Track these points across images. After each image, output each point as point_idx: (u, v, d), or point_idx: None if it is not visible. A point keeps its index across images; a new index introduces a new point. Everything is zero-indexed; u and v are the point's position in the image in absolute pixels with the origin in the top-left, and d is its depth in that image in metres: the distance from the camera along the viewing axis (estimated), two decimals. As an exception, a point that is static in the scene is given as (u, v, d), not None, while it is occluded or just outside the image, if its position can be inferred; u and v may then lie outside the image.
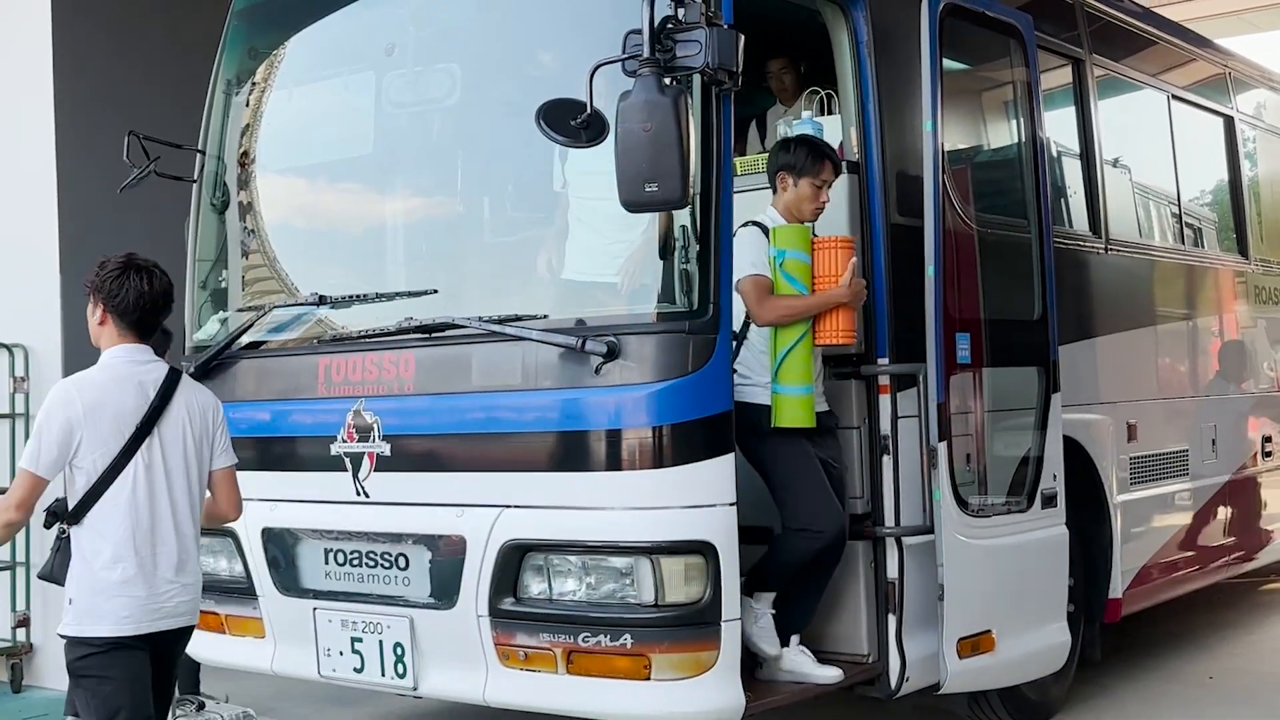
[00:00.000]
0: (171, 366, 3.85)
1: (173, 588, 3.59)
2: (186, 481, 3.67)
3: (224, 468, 3.79)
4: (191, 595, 3.68)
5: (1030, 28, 5.22)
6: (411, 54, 4.92)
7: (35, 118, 6.89)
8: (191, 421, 3.69)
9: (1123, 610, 5.89)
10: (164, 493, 3.61)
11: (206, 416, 3.75)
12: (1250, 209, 7.75)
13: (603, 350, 4.00)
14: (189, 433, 3.68)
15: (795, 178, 4.53)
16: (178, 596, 3.62)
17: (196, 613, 3.73)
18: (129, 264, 3.79)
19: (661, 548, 3.97)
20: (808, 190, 4.53)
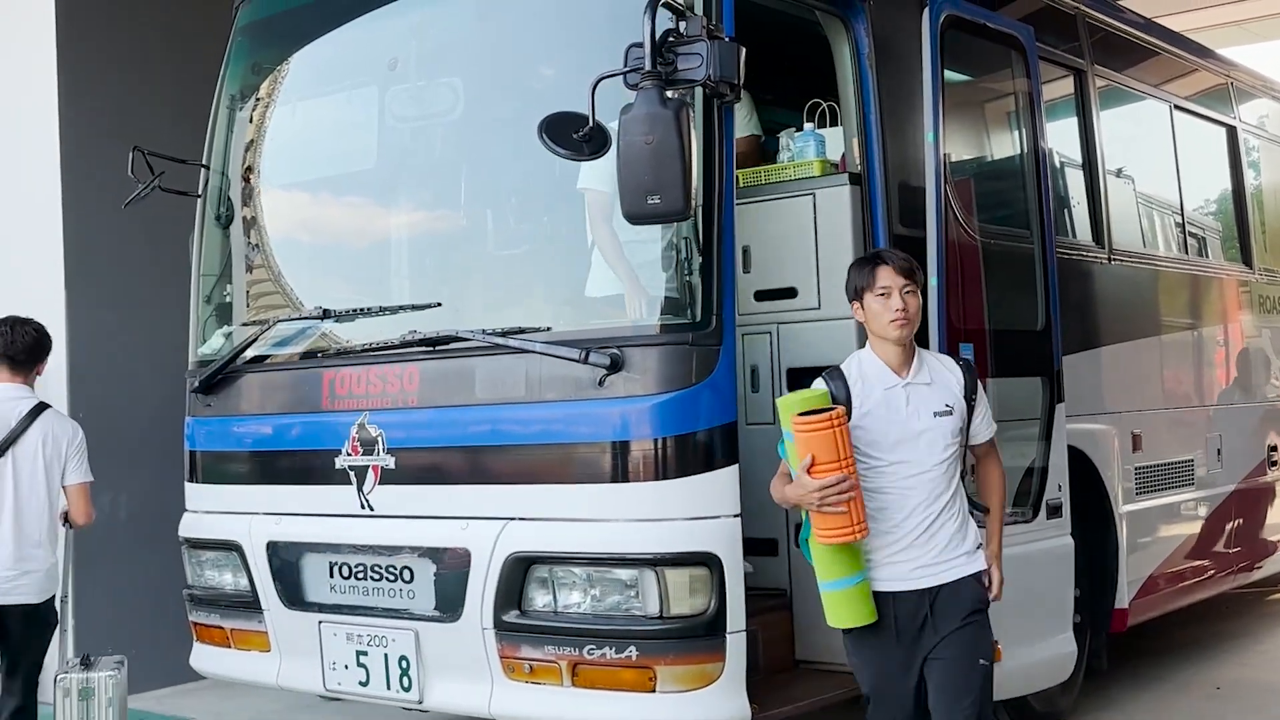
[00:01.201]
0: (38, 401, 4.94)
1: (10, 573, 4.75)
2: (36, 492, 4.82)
3: (74, 484, 4.92)
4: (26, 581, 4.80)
5: (1031, 39, 5.23)
6: (414, 68, 4.94)
7: (40, 133, 6.91)
8: (44, 445, 4.83)
9: (1129, 620, 5.88)
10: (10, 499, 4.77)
11: (60, 442, 4.87)
12: (1254, 218, 7.76)
13: (606, 362, 4.01)
14: (40, 454, 4.82)
15: (860, 302, 3.76)
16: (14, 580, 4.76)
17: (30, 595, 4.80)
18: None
19: (666, 559, 3.97)
20: (875, 307, 3.70)
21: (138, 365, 6.64)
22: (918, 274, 3.78)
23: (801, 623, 4.66)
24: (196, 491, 5.18)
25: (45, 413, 4.89)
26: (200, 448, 5.14)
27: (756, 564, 4.37)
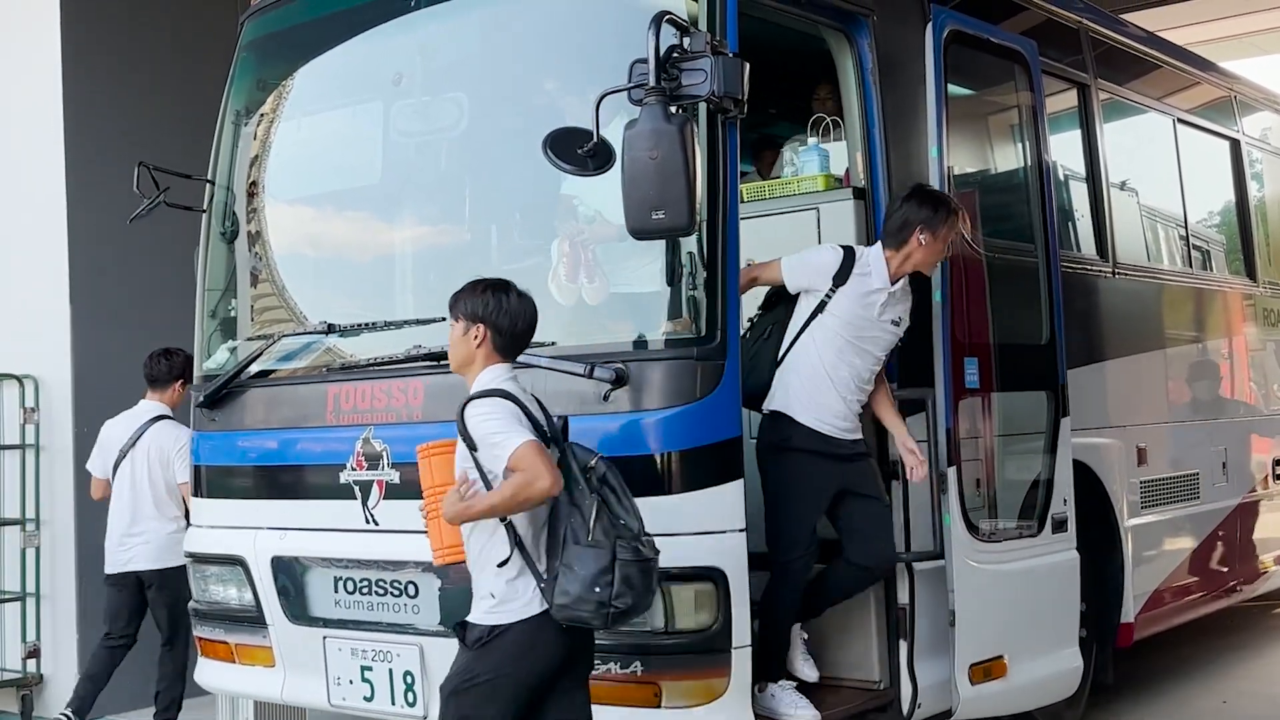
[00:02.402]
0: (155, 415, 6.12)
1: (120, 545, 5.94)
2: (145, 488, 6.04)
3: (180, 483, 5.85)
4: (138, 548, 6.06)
5: (1034, 53, 5.24)
6: (419, 83, 4.95)
7: (45, 148, 6.94)
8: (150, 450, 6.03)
9: (1135, 635, 5.86)
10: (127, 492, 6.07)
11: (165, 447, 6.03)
12: (1257, 231, 7.76)
13: (611, 377, 4.01)
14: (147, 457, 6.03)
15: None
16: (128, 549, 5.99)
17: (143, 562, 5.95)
18: None
19: (671, 574, 3.95)
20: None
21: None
22: None
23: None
24: (201, 506, 5.18)
25: (157, 423, 6.10)
26: (205, 462, 5.15)
27: (761, 579, 4.36)
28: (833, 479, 4.43)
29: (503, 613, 3.51)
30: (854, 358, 4.43)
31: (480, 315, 3.62)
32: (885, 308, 4.45)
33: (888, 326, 4.47)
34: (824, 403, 4.41)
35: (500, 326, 3.61)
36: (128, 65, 7.13)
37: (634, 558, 3.41)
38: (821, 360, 4.42)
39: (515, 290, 3.67)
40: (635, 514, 3.51)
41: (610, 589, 3.38)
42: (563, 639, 3.50)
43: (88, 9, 7.01)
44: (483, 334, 3.62)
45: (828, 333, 4.43)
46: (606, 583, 3.39)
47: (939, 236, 4.45)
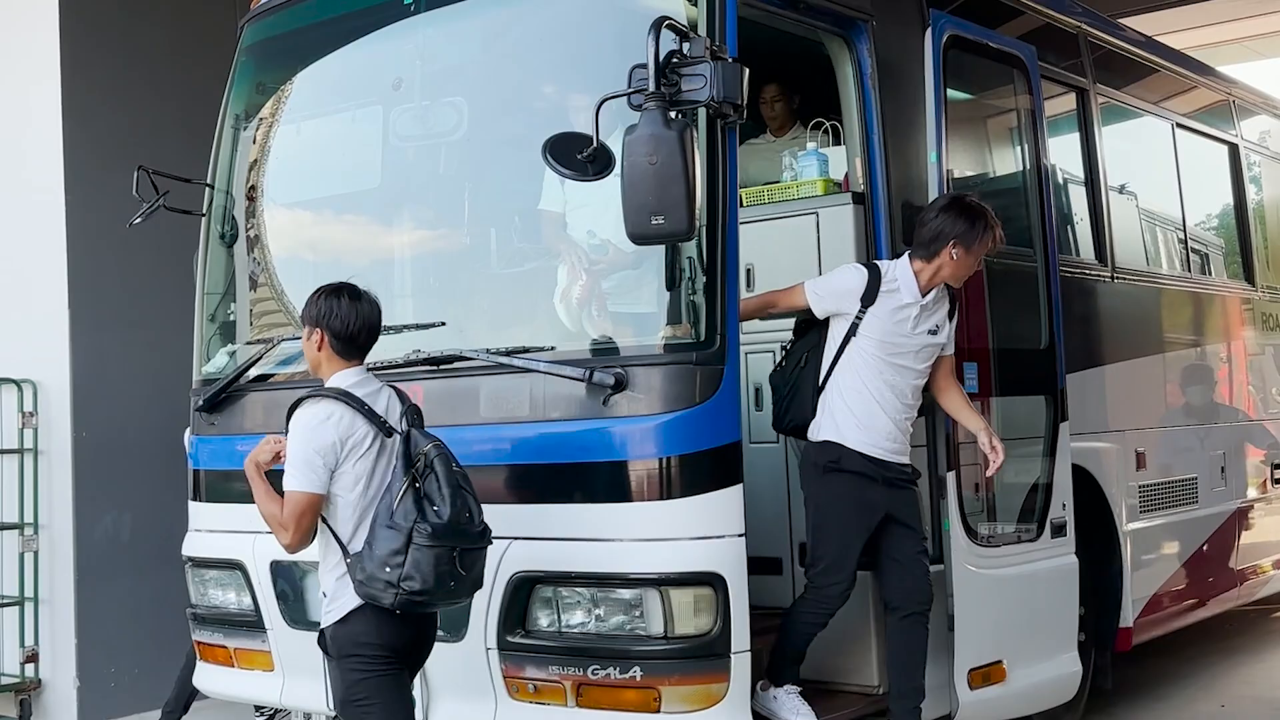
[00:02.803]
0: None
1: None
2: None
3: None
4: None
5: (1033, 57, 5.25)
6: (418, 88, 4.95)
7: (44, 152, 6.94)
8: None
9: (1134, 639, 5.86)
10: None
11: None
12: (1256, 236, 7.77)
13: (610, 382, 4.01)
14: None
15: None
16: None
17: None
18: None
19: (670, 579, 3.96)
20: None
21: (142, 384, 6.65)
22: None
23: (805, 642, 4.64)
24: (200, 510, 5.18)
25: None
26: (204, 466, 5.14)
27: (760, 583, 4.36)
28: (879, 503, 4.38)
29: (334, 610, 3.63)
30: (893, 376, 4.37)
31: (316, 320, 3.75)
32: (919, 320, 4.39)
33: (924, 338, 4.42)
34: (874, 425, 4.36)
35: (335, 330, 3.72)
36: (127, 69, 7.13)
37: (428, 543, 3.47)
38: (865, 383, 4.36)
39: (350, 293, 3.76)
40: (456, 504, 3.55)
41: (400, 570, 3.47)
42: (393, 621, 3.57)
43: (86, 13, 7.01)
44: (320, 338, 3.74)
45: (864, 355, 4.37)
46: (397, 564, 3.47)
47: (972, 252, 4.41)
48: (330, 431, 3.59)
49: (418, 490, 3.56)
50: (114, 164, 5.87)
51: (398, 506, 3.53)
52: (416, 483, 3.57)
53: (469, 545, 3.58)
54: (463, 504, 3.57)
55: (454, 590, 3.60)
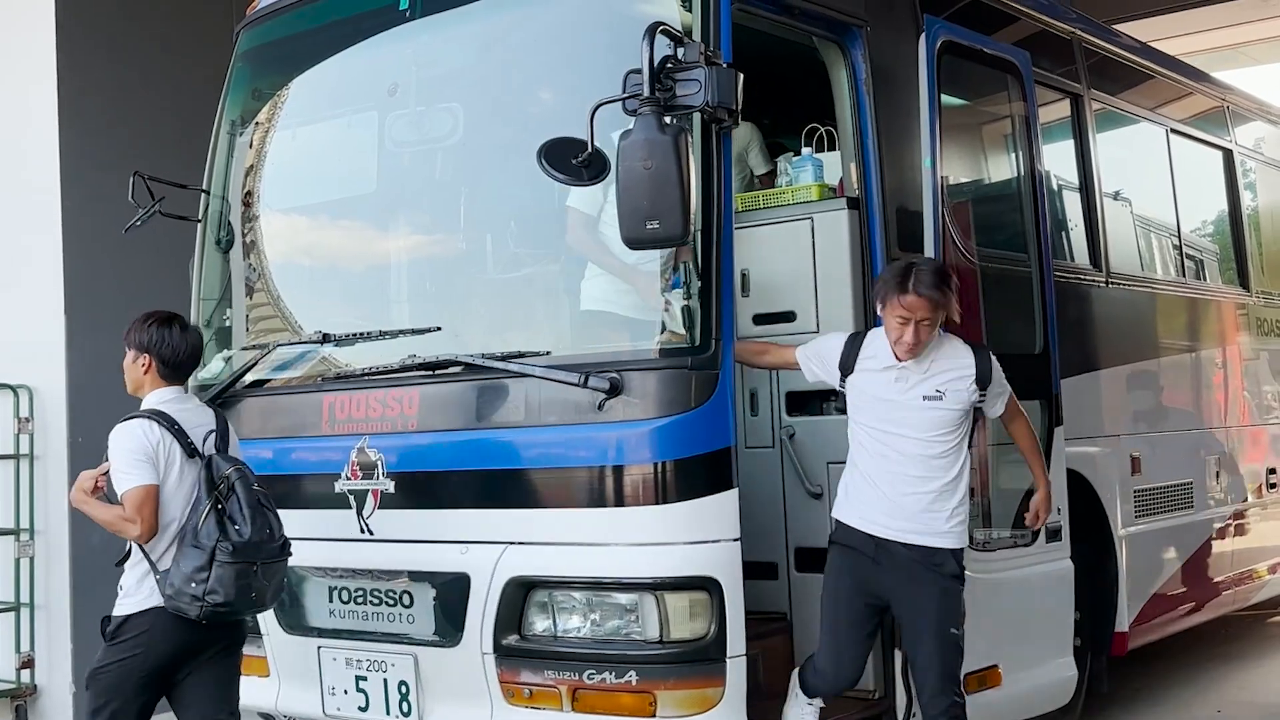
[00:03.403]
0: None
1: None
2: None
3: None
4: None
5: (1028, 63, 5.26)
6: (414, 94, 4.96)
7: (40, 158, 6.94)
8: None
9: (1130, 644, 5.87)
10: None
11: None
12: (1250, 241, 7.78)
13: (605, 387, 4.01)
14: None
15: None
16: None
17: None
18: None
19: (666, 584, 3.97)
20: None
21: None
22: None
23: (802, 646, 4.64)
24: (196, 516, 5.17)
25: None
26: (200, 472, 5.14)
27: (755, 588, 4.36)
28: (875, 586, 4.17)
29: (126, 604, 3.97)
30: (884, 447, 4.15)
31: (146, 346, 4.10)
32: (911, 385, 4.15)
33: (917, 404, 4.14)
34: (864, 498, 4.18)
35: (164, 357, 4.10)
36: (123, 74, 7.13)
37: (229, 560, 3.84)
38: (855, 454, 4.23)
39: (180, 324, 4.18)
40: (257, 522, 3.92)
41: (204, 585, 3.84)
42: (180, 628, 3.91)
43: (82, 18, 7.01)
44: (148, 362, 4.10)
45: (853, 423, 4.25)
46: (202, 579, 3.84)
47: (887, 311, 4.12)
48: (144, 439, 3.93)
49: (220, 511, 3.93)
50: (110, 169, 5.87)
51: (202, 526, 3.89)
52: (219, 504, 3.93)
53: (269, 559, 3.96)
54: (263, 522, 3.96)
55: (254, 601, 3.98)
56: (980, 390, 4.21)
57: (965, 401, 4.18)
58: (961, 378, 4.19)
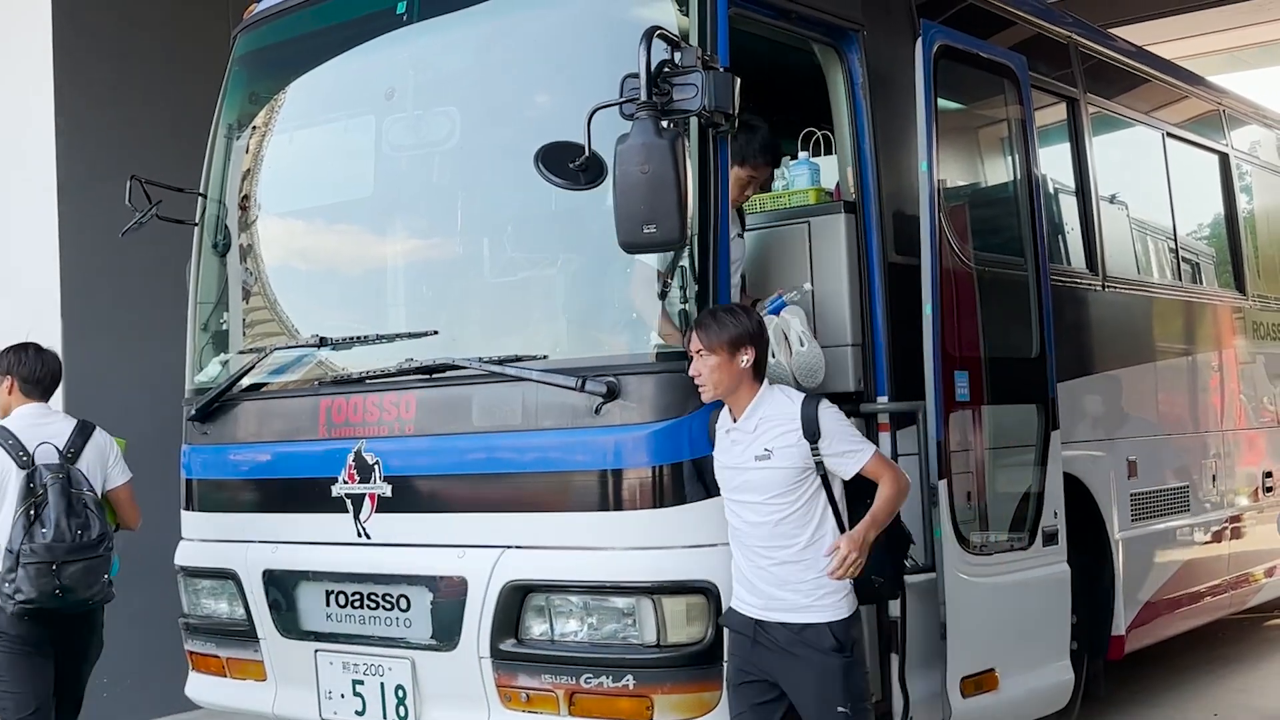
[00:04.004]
0: None
1: None
2: None
3: None
4: None
5: (1024, 67, 5.27)
6: (411, 98, 4.96)
7: (37, 163, 6.94)
8: None
9: (1126, 647, 5.87)
10: None
11: None
12: (1246, 245, 7.79)
13: (602, 390, 4.02)
14: None
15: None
16: None
17: None
18: None
19: (663, 588, 3.97)
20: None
21: (134, 393, 6.64)
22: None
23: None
24: (193, 520, 5.18)
25: None
26: (196, 476, 5.15)
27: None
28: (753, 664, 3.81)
29: None
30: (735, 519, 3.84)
31: (6, 370, 4.77)
32: (735, 446, 3.84)
33: (750, 465, 3.79)
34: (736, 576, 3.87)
35: (24, 376, 4.76)
36: (120, 79, 7.14)
37: (29, 560, 4.36)
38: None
39: (35, 349, 4.84)
40: (61, 525, 4.41)
41: (12, 585, 4.39)
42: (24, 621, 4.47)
43: (79, 23, 7.02)
44: (11, 384, 4.75)
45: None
46: (10, 580, 4.40)
47: None
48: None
49: (29, 517, 4.41)
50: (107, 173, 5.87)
51: (12, 532, 4.41)
52: (31, 510, 4.41)
53: (71, 557, 4.41)
54: (76, 524, 4.43)
55: (63, 598, 4.44)
56: (811, 444, 3.75)
57: (797, 459, 3.75)
58: (787, 432, 3.77)
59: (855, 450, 3.80)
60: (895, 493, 3.81)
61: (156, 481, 6.20)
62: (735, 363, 3.78)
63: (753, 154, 4.46)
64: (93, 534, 4.47)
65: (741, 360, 3.78)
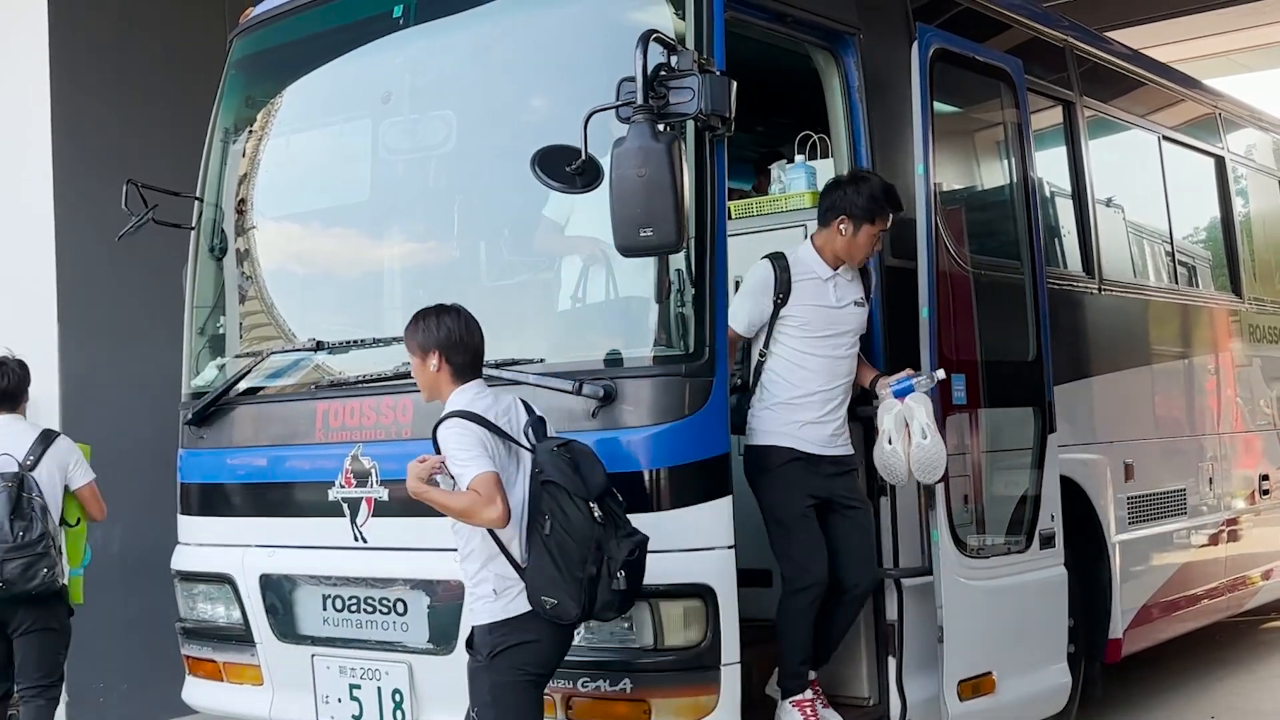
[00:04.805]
0: None
1: None
2: None
3: None
4: None
5: (1020, 71, 5.27)
6: (407, 101, 4.96)
7: (33, 167, 6.93)
8: None
9: (1123, 650, 5.87)
10: None
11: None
12: (1242, 248, 7.80)
13: (599, 394, 4.02)
14: None
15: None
16: None
17: None
18: None
19: (660, 591, 3.96)
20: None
21: (131, 397, 6.64)
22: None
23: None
24: (189, 524, 5.17)
25: None
26: (193, 480, 5.14)
27: (750, 595, 4.36)
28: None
29: None
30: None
31: None
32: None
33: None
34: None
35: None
36: (117, 82, 7.13)
37: None
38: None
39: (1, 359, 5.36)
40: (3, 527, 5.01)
41: None
42: None
43: (76, 26, 7.02)
44: None
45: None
46: None
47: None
48: None
49: None
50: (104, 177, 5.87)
51: None
52: None
53: (9, 557, 4.98)
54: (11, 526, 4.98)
55: (6, 590, 5.02)
56: None
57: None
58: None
59: (460, 473, 3.67)
60: (462, 507, 3.65)
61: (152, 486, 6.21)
62: (425, 366, 3.86)
63: (879, 207, 4.48)
64: (34, 534, 5.03)
65: (430, 364, 3.85)
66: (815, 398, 4.41)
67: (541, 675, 3.73)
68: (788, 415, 4.41)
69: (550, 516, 3.56)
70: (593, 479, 3.61)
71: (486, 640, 3.70)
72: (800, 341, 4.43)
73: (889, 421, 4.34)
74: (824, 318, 4.44)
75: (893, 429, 4.33)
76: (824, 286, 4.46)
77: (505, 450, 3.70)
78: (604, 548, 3.55)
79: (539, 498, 3.60)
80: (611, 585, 3.56)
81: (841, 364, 4.47)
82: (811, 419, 4.40)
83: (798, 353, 4.43)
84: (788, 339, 4.44)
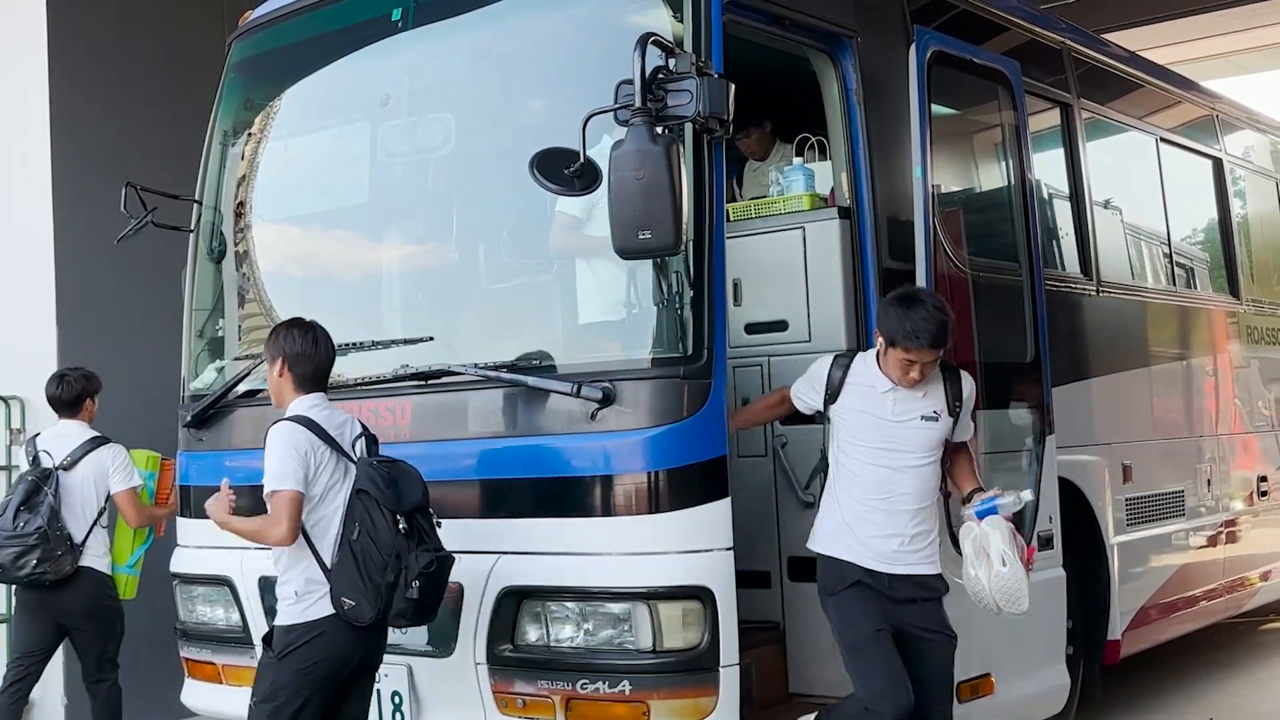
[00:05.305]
0: None
1: None
2: None
3: None
4: None
5: (1017, 73, 5.28)
6: (406, 104, 4.97)
7: (32, 169, 6.94)
8: None
9: (1122, 651, 5.88)
10: None
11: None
12: (1240, 249, 7.81)
13: (598, 396, 4.02)
14: None
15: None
16: None
17: None
18: None
19: (659, 593, 3.97)
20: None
21: (129, 399, 6.63)
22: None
23: (795, 656, 4.65)
24: (188, 526, 5.17)
25: None
26: (192, 482, 5.14)
27: (748, 597, 4.37)
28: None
29: None
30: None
31: None
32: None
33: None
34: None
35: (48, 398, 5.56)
36: (115, 85, 7.14)
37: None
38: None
39: (58, 376, 5.59)
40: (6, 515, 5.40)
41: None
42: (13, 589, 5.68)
43: (75, 28, 7.02)
44: None
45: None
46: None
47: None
48: None
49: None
50: (103, 179, 5.87)
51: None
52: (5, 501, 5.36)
53: (5, 544, 5.27)
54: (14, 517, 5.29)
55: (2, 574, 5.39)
56: None
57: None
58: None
59: (265, 482, 3.95)
60: (252, 531, 4.05)
61: (151, 488, 6.20)
62: (273, 372, 4.10)
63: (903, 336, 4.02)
64: (31, 527, 5.33)
65: (275, 371, 4.09)
66: (874, 516, 4.07)
67: (325, 679, 3.93)
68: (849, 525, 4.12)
69: (359, 524, 3.85)
70: (408, 496, 3.89)
71: (281, 640, 3.97)
72: (854, 449, 4.12)
73: (968, 547, 4.08)
74: (877, 429, 4.09)
75: (973, 555, 4.07)
76: (880, 398, 4.10)
77: (334, 461, 3.95)
78: (403, 558, 3.83)
79: (354, 506, 3.88)
80: (406, 594, 3.83)
81: (904, 479, 4.07)
82: (870, 535, 4.08)
83: (854, 460, 4.12)
84: (844, 442, 4.16)
